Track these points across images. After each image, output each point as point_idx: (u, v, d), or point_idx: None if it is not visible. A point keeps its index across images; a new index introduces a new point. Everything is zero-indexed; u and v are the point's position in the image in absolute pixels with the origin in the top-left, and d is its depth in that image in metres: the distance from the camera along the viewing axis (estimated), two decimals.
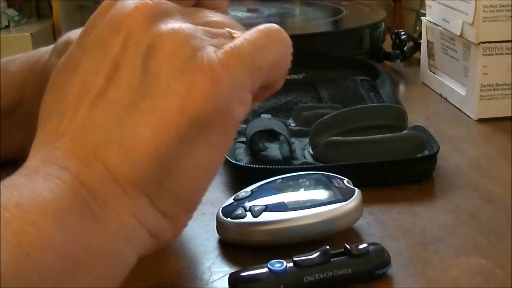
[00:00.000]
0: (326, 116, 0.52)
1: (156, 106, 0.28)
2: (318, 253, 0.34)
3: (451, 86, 0.67)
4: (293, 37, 0.34)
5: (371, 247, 0.36)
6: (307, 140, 0.52)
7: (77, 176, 0.27)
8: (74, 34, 0.50)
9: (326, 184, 0.41)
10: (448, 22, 0.66)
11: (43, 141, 0.29)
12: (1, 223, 0.24)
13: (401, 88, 0.75)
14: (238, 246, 0.39)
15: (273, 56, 0.32)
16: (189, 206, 0.31)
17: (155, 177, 0.29)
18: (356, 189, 0.40)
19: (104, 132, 0.28)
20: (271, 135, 0.52)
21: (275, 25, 0.32)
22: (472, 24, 0.60)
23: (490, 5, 0.58)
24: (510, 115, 0.61)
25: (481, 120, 0.61)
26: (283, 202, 0.39)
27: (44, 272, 0.25)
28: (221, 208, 0.40)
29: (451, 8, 0.65)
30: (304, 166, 0.47)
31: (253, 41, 0.31)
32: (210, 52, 0.29)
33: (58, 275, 0.25)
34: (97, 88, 0.29)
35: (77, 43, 0.31)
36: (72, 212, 0.26)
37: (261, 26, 0.32)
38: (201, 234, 0.41)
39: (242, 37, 0.31)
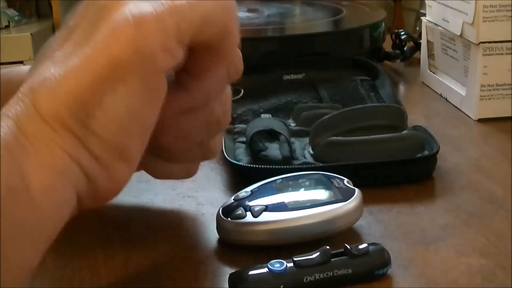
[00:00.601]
0: (326, 116, 0.52)
1: (83, 50, 0.30)
2: (318, 253, 0.35)
3: (451, 86, 0.67)
4: (293, 37, 0.34)
5: (371, 247, 0.36)
6: (307, 140, 0.52)
7: (15, 117, 0.29)
8: (16, 71, 0.52)
9: (326, 184, 0.41)
10: (448, 22, 0.66)
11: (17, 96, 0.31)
12: None
13: (401, 88, 0.75)
14: (238, 246, 0.39)
15: (204, 9, 0.32)
16: (122, 154, 0.31)
17: (77, 115, 0.30)
18: (356, 189, 0.40)
19: (40, 75, 0.30)
20: (271, 135, 0.52)
21: None
22: (472, 24, 0.60)
23: (490, 5, 0.58)
24: (510, 115, 0.61)
25: (481, 120, 0.61)
26: (283, 202, 0.39)
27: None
28: (221, 208, 0.40)
29: (451, 8, 0.65)
30: (304, 166, 0.47)
31: (195, 3, 0.31)
32: None
33: None
34: (56, 47, 0.32)
35: (64, 29, 0.33)
36: (6, 149, 0.28)
37: None
38: (201, 234, 0.41)
39: None
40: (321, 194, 0.40)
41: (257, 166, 0.47)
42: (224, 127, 0.39)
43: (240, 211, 0.38)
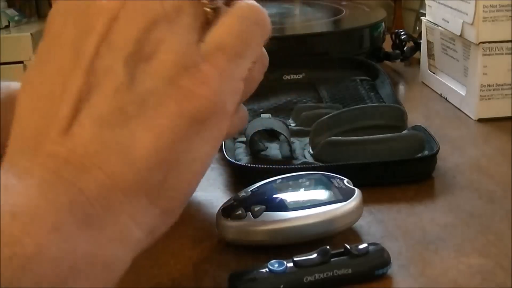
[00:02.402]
0: (326, 116, 0.52)
1: (152, 111, 0.28)
2: (318, 253, 0.35)
3: (451, 86, 0.67)
4: (293, 37, 0.34)
5: (371, 247, 0.36)
6: (307, 140, 0.52)
7: (74, 184, 0.27)
8: (13, 85, 0.50)
9: (326, 184, 0.41)
10: (448, 22, 0.66)
11: (26, 141, 0.28)
12: None
13: (401, 88, 0.75)
14: (238, 246, 0.39)
15: (255, 39, 0.32)
16: (186, 198, 0.31)
17: (156, 179, 0.29)
18: (356, 189, 0.40)
19: (96, 138, 0.28)
20: (271, 135, 0.52)
21: (251, 5, 0.32)
22: (472, 24, 0.60)
23: (490, 5, 0.58)
24: (510, 115, 0.61)
25: (481, 120, 0.61)
26: (283, 202, 0.39)
27: (39, 283, 0.24)
28: (221, 208, 0.40)
29: (451, 8, 0.65)
30: (304, 166, 0.47)
31: (234, 30, 0.31)
32: (196, 55, 0.29)
33: (53, 285, 0.25)
34: (77, 91, 0.28)
35: (46, 36, 0.30)
36: (70, 221, 0.26)
37: (238, 8, 0.31)
38: (201, 234, 0.41)
39: (224, 25, 0.30)
40: (321, 194, 0.40)
41: (257, 166, 0.47)
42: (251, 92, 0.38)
43: (240, 211, 0.38)
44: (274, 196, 0.40)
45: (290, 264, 0.34)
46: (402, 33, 0.82)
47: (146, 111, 0.28)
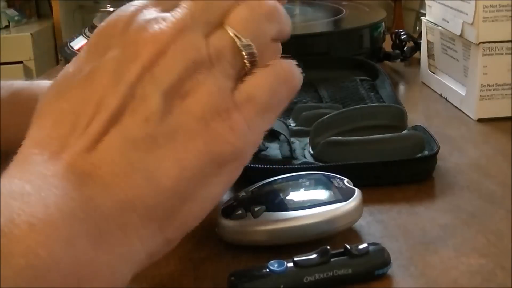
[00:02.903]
0: (326, 116, 0.52)
1: (180, 145, 0.29)
2: (318, 253, 0.35)
3: (451, 86, 0.67)
4: (293, 37, 0.34)
5: (371, 247, 0.36)
6: (307, 140, 0.52)
7: (93, 199, 0.27)
8: (17, 84, 0.51)
9: (326, 184, 0.41)
10: (448, 22, 0.66)
11: (46, 146, 0.29)
12: (11, 242, 0.24)
13: (401, 88, 0.75)
14: (238, 246, 0.39)
15: (283, 97, 0.33)
16: (188, 231, 0.32)
17: (172, 208, 0.30)
18: (356, 189, 0.40)
19: (123, 159, 0.28)
20: (271, 134, 0.52)
21: (287, 65, 0.33)
22: (472, 24, 0.60)
23: (490, 5, 0.58)
24: (510, 115, 0.61)
25: (481, 120, 0.61)
26: (283, 202, 0.39)
27: None
28: (221, 208, 0.40)
29: (451, 8, 0.65)
30: (304, 166, 0.47)
31: (269, 87, 0.32)
32: (229, 102, 0.31)
33: None
34: (112, 110, 0.29)
35: (89, 52, 0.31)
36: (83, 236, 0.26)
37: (277, 65, 0.33)
38: (201, 234, 0.41)
39: (258, 79, 0.32)
40: (321, 194, 0.40)
41: (257, 166, 0.47)
42: None
43: (240, 211, 0.38)
44: (274, 196, 0.40)
45: (290, 264, 0.34)
46: (402, 33, 0.82)
47: (175, 144, 0.29)
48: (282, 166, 0.46)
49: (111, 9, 1.92)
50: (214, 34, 0.31)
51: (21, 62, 2.18)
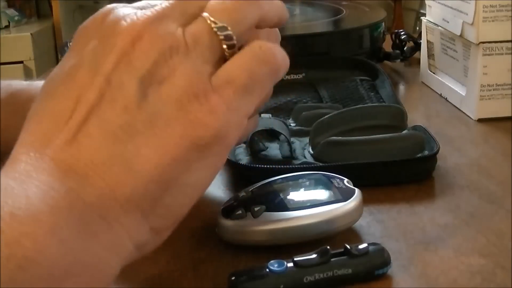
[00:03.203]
0: (326, 116, 0.52)
1: (159, 131, 0.29)
2: (318, 253, 0.35)
3: (451, 86, 0.67)
4: (293, 37, 0.34)
5: (371, 247, 0.36)
6: (307, 140, 0.52)
7: (74, 190, 0.28)
8: (15, 84, 0.51)
9: (326, 184, 0.41)
10: (448, 22, 0.66)
11: (31, 145, 0.29)
12: None
13: (401, 88, 0.75)
14: (238, 246, 0.39)
15: (263, 78, 0.33)
16: (176, 220, 0.32)
17: (153, 195, 0.30)
18: (356, 189, 0.40)
19: (103, 149, 0.29)
20: (271, 134, 0.52)
21: (264, 45, 0.33)
22: (472, 24, 0.60)
23: (490, 5, 0.58)
24: (510, 115, 0.61)
25: (481, 120, 0.61)
26: (283, 202, 0.39)
27: (34, 284, 0.25)
28: (221, 208, 0.40)
29: (451, 8, 0.65)
30: (304, 166, 0.47)
31: (247, 68, 0.32)
32: (207, 85, 0.31)
33: (47, 286, 0.25)
34: (90, 102, 0.29)
35: (71, 50, 0.32)
36: (68, 226, 0.27)
37: (255, 45, 0.33)
38: (201, 234, 0.41)
39: (235, 61, 0.32)
40: (321, 194, 0.40)
41: (257, 166, 0.47)
42: None
43: (240, 211, 0.38)
44: (274, 196, 0.40)
45: (290, 264, 0.34)
46: (402, 33, 0.82)
47: (153, 130, 0.29)
48: (282, 166, 0.46)
49: None
50: (192, 23, 0.32)
51: (21, 62, 2.18)
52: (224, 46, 0.32)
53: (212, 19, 0.32)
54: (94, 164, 0.28)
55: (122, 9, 0.32)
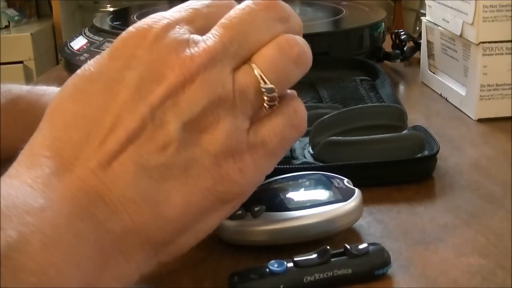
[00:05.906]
0: (326, 116, 0.52)
1: (191, 180, 0.30)
2: (318, 253, 0.35)
3: (451, 86, 0.67)
4: None
5: (371, 247, 0.36)
6: (307, 139, 0.52)
7: (102, 223, 0.28)
8: (15, 90, 0.50)
9: (326, 184, 0.41)
10: (448, 22, 0.66)
11: (58, 151, 0.28)
12: (24, 258, 0.25)
13: (401, 88, 0.75)
14: (238, 246, 0.39)
15: (291, 143, 0.34)
16: (180, 254, 0.33)
17: (170, 238, 0.31)
18: (356, 189, 0.40)
19: (136, 185, 0.29)
20: None
21: (301, 111, 0.33)
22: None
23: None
24: (510, 115, 0.61)
25: (481, 120, 0.61)
26: (283, 202, 0.39)
27: None
28: None
29: (451, 8, 0.64)
30: (304, 166, 0.47)
31: (279, 132, 0.32)
32: (243, 144, 0.31)
33: None
34: (130, 130, 0.28)
35: (112, 57, 0.30)
36: (91, 258, 0.27)
37: (291, 109, 0.33)
38: None
39: (272, 123, 0.32)
40: (321, 194, 0.40)
41: None
42: None
43: (240, 211, 0.38)
44: (274, 196, 0.40)
45: (290, 264, 0.34)
46: (402, 33, 0.82)
47: (186, 179, 0.30)
48: (282, 166, 0.46)
49: (111, 9, 1.92)
50: (241, 70, 0.31)
51: (21, 62, 2.17)
52: (266, 105, 0.32)
53: (261, 75, 0.31)
54: (125, 199, 0.28)
55: (179, 31, 0.30)
